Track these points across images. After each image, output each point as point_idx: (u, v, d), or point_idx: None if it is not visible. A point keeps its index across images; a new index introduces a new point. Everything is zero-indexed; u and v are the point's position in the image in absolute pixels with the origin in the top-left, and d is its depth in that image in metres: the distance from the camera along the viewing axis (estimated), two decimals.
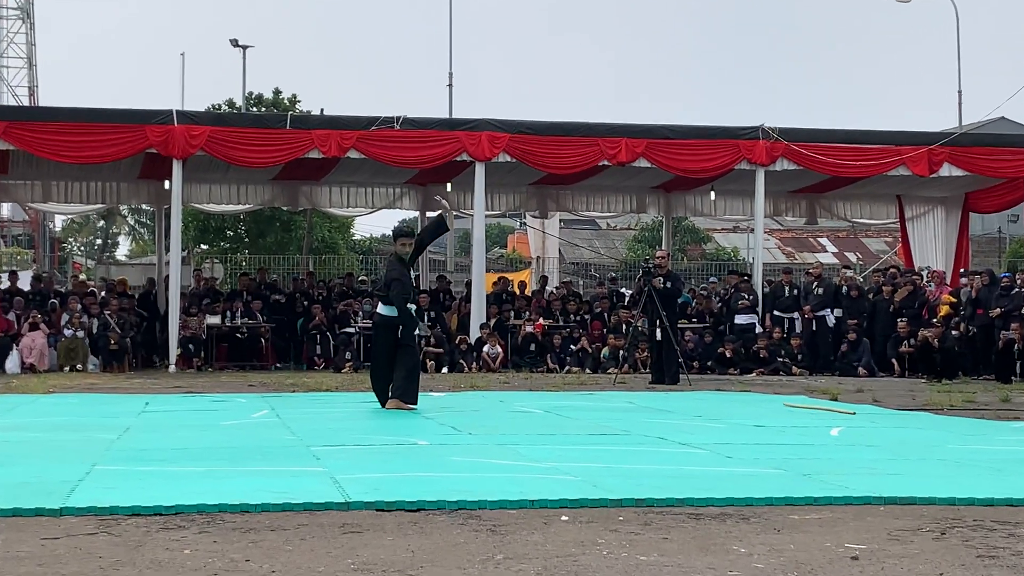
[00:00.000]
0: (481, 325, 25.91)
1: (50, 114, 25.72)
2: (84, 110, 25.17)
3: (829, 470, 8.68)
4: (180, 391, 18.27)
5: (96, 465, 8.74)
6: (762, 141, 26.68)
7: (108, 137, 24.57)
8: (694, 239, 59.45)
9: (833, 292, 26.59)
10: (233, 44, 50.81)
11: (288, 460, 9.20)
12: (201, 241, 47.94)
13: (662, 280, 21.05)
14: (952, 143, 27.76)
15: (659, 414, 14.21)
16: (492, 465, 8.99)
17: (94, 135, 24.55)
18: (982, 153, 27.67)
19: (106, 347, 24.80)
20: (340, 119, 26.29)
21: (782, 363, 24.93)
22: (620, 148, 26.28)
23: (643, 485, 7.78)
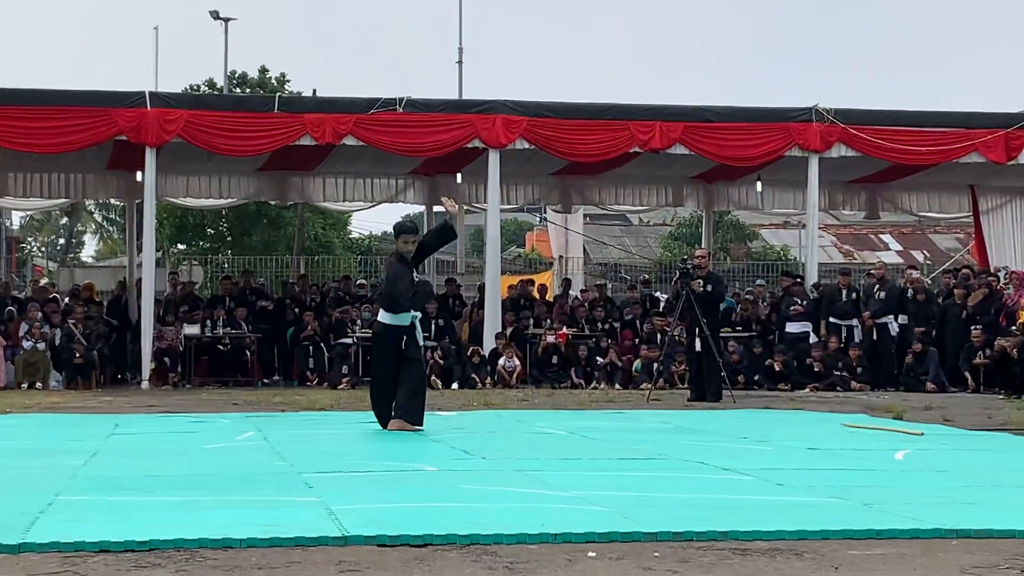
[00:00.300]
0: (496, 335, 25.92)
1: (5, 96, 25.71)
2: (44, 92, 25.26)
3: (894, 499, 8.65)
4: (154, 411, 18.29)
5: (59, 495, 8.75)
6: (815, 124, 26.66)
7: (72, 123, 24.65)
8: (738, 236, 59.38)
9: (897, 296, 26.51)
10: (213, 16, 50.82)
11: (277, 489, 9.21)
12: (178, 240, 48.04)
13: (702, 283, 21.04)
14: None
15: (699, 435, 14.19)
16: (509, 494, 8.99)
17: (55, 120, 24.62)
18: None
19: (70, 361, 24.85)
20: (335, 101, 26.38)
21: (839, 377, 24.88)
22: (654, 133, 26.28)
23: (681, 516, 7.77)
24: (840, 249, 61.09)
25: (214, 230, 47.75)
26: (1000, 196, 31.86)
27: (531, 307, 28.34)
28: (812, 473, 10.29)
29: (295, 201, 34.39)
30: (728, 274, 40.89)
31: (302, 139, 25.51)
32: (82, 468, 10.50)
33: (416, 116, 25.63)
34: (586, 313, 27.97)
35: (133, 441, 13.31)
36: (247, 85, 47.87)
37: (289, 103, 26.95)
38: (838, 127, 26.71)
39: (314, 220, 45.26)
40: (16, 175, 29.60)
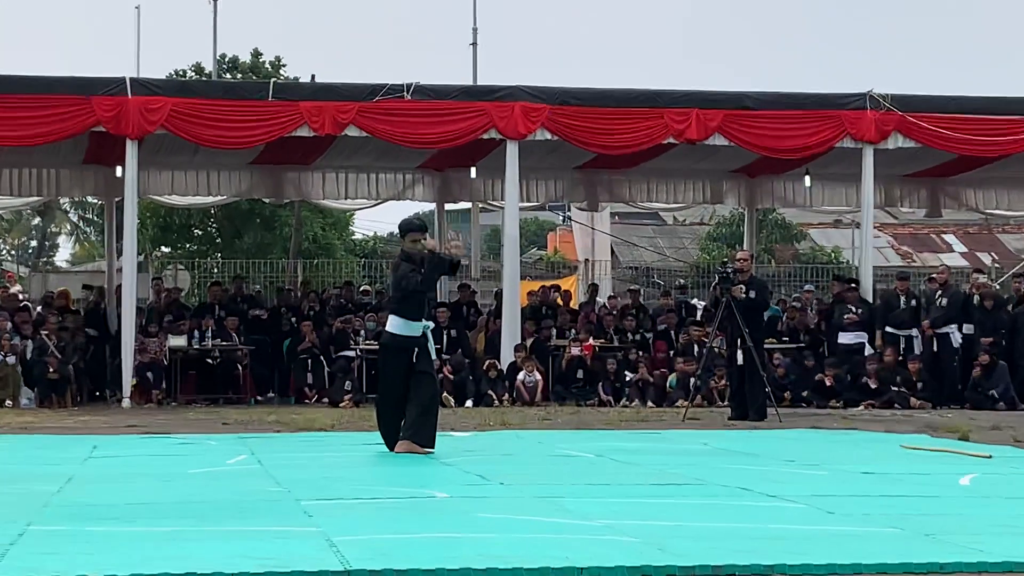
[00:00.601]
0: (515, 347, 25.92)
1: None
2: (13, 78, 25.32)
3: (958, 529, 8.65)
4: (136, 432, 18.33)
5: (31, 524, 8.78)
6: (870, 112, 26.63)
7: (44, 112, 24.70)
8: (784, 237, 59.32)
9: (960, 303, 26.43)
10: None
11: (272, 518, 9.23)
12: (162, 243, 48.16)
13: (744, 289, 21.04)
14: None
15: (741, 458, 14.20)
16: (529, 523, 9.00)
17: (25, 110, 24.67)
18: None
19: (43, 376, 24.88)
20: (335, 88, 26.40)
21: (897, 393, 24.85)
22: (690, 122, 26.27)
23: (721, 548, 7.78)
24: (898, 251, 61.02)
25: (202, 231, 47.86)
26: None
27: (554, 316, 28.35)
28: (867, 500, 10.29)
29: (291, 199, 34.43)
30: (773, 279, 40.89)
31: (299, 130, 25.53)
32: (56, 495, 10.53)
33: (426, 104, 25.65)
34: (615, 322, 27.95)
35: (112, 465, 13.34)
36: (238, 70, 48.00)
37: (285, 90, 27.02)
38: (895, 115, 26.66)
39: (312, 220, 45.33)
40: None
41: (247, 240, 45.84)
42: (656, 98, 26.52)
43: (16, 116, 24.67)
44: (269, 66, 47.95)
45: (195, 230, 47.72)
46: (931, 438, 16.91)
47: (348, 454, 14.74)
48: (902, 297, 26.91)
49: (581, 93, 26.45)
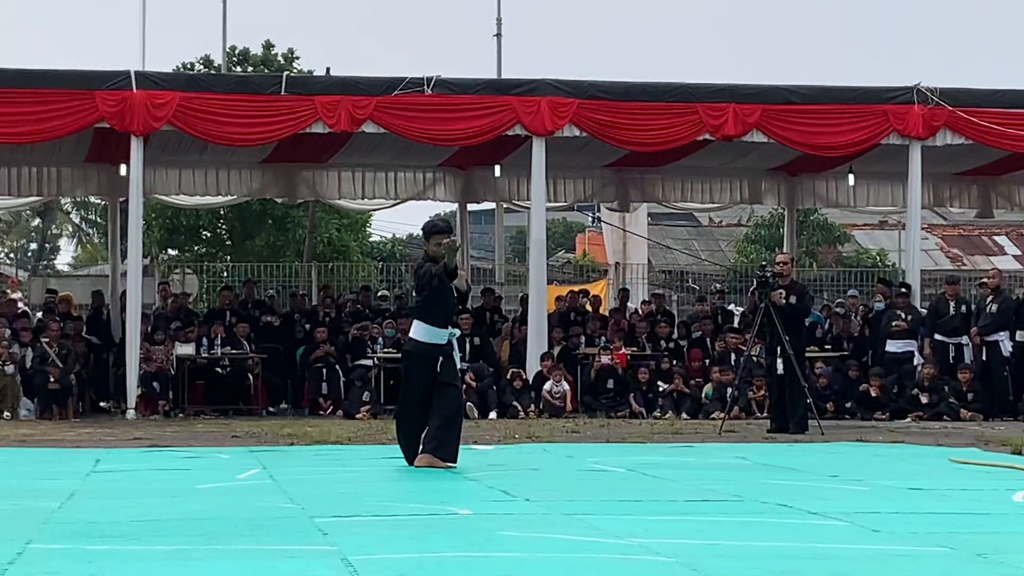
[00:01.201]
0: (541, 355, 25.94)
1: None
2: (13, 72, 25.41)
3: (1011, 548, 8.63)
4: (141, 444, 18.37)
5: (31, 542, 8.80)
6: (918, 106, 26.62)
7: (45, 108, 24.80)
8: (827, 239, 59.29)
9: (1013, 309, 26.40)
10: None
11: (285, 536, 9.24)
12: (169, 245, 48.22)
13: (784, 294, 21.02)
14: None
15: (781, 473, 14.20)
16: (557, 542, 9.00)
17: (27, 105, 24.77)
18: None
19: (44, 386, 24.94)
20: (352, 81, 26.44)
21: (947, 405, 24.81)
22: (726, 117, 26.28)
23: (760, 568, 7.78)
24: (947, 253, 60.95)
25: (211, 233, 47.93)
26: None
27: (583, 322, 28.36)
28: (914, 518, 10.28)
29: (305, 199, 34.50)
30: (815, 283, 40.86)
31: (313, 126, 25.61)
32: (57, 511, 10.56)
33: (447, 99, 25.70)
34: (648, 329, 27.96)
35: (117, 480, 13.38)
36: (249, 63, 48.10)
37: (298, 84, 27.04)
38: (944, 110, 26.65)
39: (328, 221, 45.37)
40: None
41: (259, 242, 45.90)
42: (691, 92, 26.53)
43: (15, 112, 24.76)
44: (282, 58, 48.05)
45: (204, 232, 47.78)
46: (982, 452, 16.87)
47: (365, 469, 14.75)
48: (951, 303, 26.87)
49: (611, 87, 26.46)
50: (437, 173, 31.62)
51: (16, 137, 25.45)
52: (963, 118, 26.72)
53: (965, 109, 26.73)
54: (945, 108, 26.64)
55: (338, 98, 25.48)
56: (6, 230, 77.11)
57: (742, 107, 26.36)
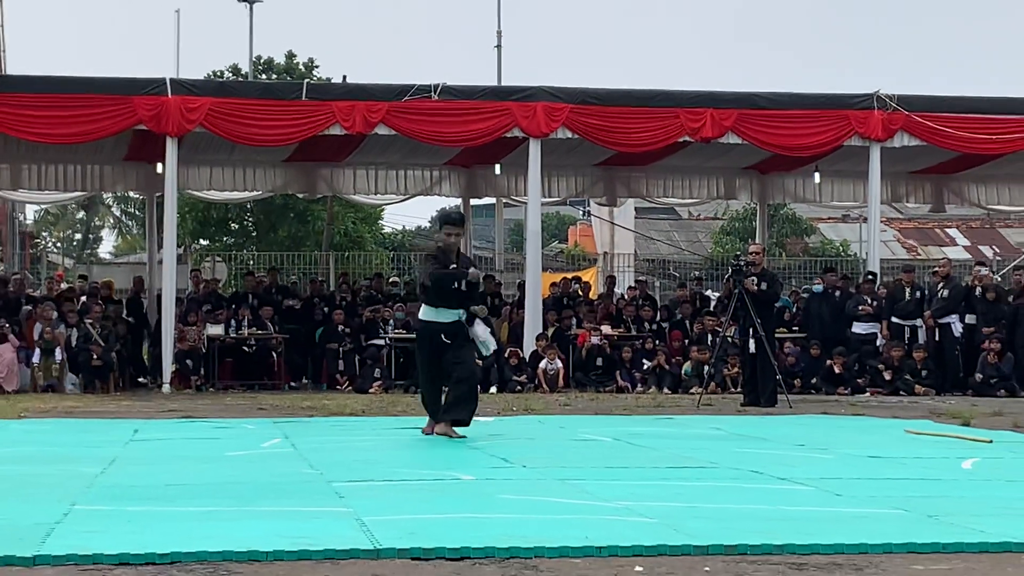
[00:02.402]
0: (537, 336, 25.91)
1: (19, 84, 25.90)
2: (59, 79, 25.38)
3: (960, 510, 8.63)
4: (176, 415, 18.37)
5: (76, 504, 8.80)
6: (877, 111, 26.58)
7: (89, 111, 24.76)
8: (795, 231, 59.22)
9: (963, 295, 26.38)
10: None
11: (306, 499, 9.24)
12: (200, 236, 48.22)
13: (756, 280, 20.99)
14: None
15: (753, 442, 14.19)
16: (551, 504, 9.00)
17: (72, 109, 24.73)
18: None
19: (87, 363, 24.92)
20: (366, 88, 26.40)
21: (903, 381, 24.80)
22: (705, 121, 26.24)
23: (734, 529, 7.77)
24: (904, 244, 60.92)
25: (238, 225, 47.92)
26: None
27: (574, 306, 28.30)
28: (873, 483, 10.28)
29: (324, 194, 34.49)
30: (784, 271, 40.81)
31: (331, 128, 25.56)
32: (100, 476, 10.56)
33: (452, 104, 25.65)
34: (633, 313, 27.92)
35: (153, 448, 13.37)
36: (273, 71, 48.06)
37: (318, 90, 27.00)
38: (901, 114, 26.62)
39: (344, 214, 45.35)
40: (30, 167, 29.77)
41: (282, 233, 45.90)
42: (672, 98, 26.49)
43: (62, 115, 24.73)
44: (303, 67, 48.01)
45: (232, 224, 47.78)
46: (934, 424, 16.86)
47: (378, 438, 14.74)
48: (907, 289, 26.84)
49: (600, 93, 26.42)
50: (443, 171, 31.57)
51: (63, 138, 25.41)
52: (918, 122, 26.69)
53: (920, 114, 26.71)
54: (902, 113, 26.61)
55: (353, 103, 25.44)
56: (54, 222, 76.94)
57: (719, 112, 26.32)
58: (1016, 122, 27.09)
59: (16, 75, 25.48)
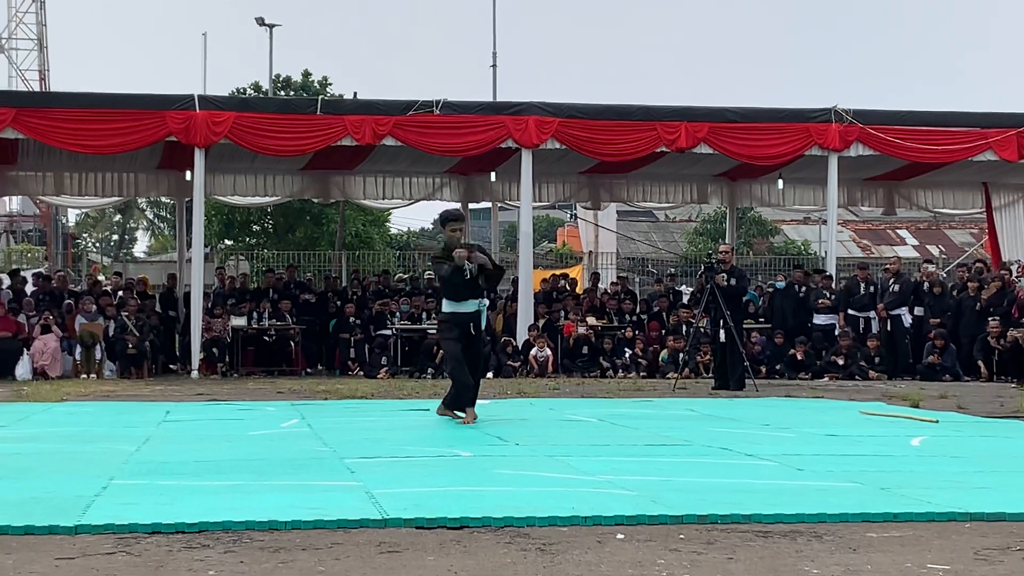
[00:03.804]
0: (528, 327, 25.91)
1: (63, 100, 25.90)
2: (99, 95, 25.35)
3: (910, 484, 8.64)
4: (203, 399, 18.37)
5: (113, 479, 8.80)
6: (835, 125, 26.59)
7: (125, 125, 24.75)
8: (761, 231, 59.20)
9: (911, 289, 26.41)
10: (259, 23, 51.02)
11: (320, 473, 9.23)
12: (225, 236, 48.17)
13: (726, 276, 20.99)
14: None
15: (723, 423, 14.18)
16: (541, 478, 9.00)
17: (110, 122, 24.72)
18: None
19: (124, 351, 24.93)
20: (375, 103, 26.39)
21: (858, 367, 24.81)
22: (680, 133, 26.23)
23: (706, 500, 7.77)
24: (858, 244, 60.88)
25: (259, 227, 47.87)
26: (1012, 193, 31.74)
27: (562, 300, 28.31)
28: (831, 459, 10.27)
29: (337, 199, 34.45)
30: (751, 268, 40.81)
31: (343, 140, 25.55)
32: (135, 453, 10.56)
33: (452, 117, 25.64)
34: (615, 306, 27.93)
35: (183, 428, 13.37)
36: (291, 88, 48.00)
37: (331, 106, 26.99)
38: (856, 127, 26.63)
39: (355, 217, 45.31)
40: (72, 174, 29.76)
41: (298, 234, 45.85)
42: (650, 112, 26.49)
43: (101, 128, 24.72)
44: (317, 85, 47.94)
45: (254, 226, 47.74)
46: (887, 405, 16.87)
47: (385, 419, 14.72)
48: (862, 284, 26.87)
49: (586, 108, 26.41)
50: (444, 178, 31.54)
51: (101, 148, 25.40)
52: (872, 134, 26.70)
53: (873, 126, 26.71)
54: (857, 126, 26.62)
55: (363, 117, 25.44)
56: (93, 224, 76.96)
57: (692, 125, 26.32)
58: (960, 134, 27.12)
59: (59, 92, 25.49)
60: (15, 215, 68.07)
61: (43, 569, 5.86)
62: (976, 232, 53.67)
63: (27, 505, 7.53)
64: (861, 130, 26.64)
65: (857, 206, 34.09)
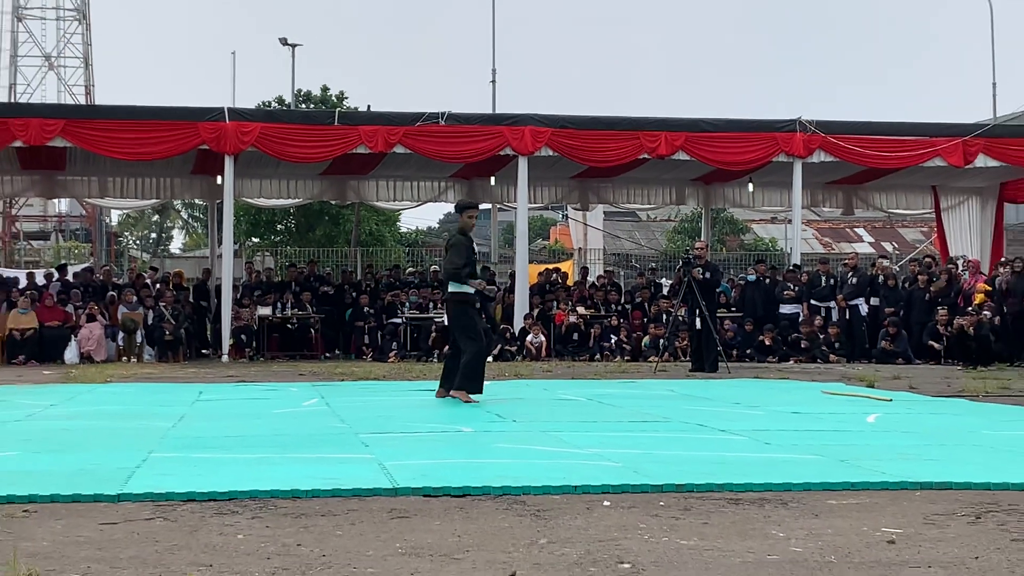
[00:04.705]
0: (525, 315, 25.91)
1: (106, 112, 25.87)
2: (139, 108, 25.34)
3: (866, 456, 8.64)
4: (233, 380, 18.37)
5: (152, 452, 8.80)
6: (799, 134, 26.58)
7: (162, 134, 24.73)
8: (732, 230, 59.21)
9: (867, 282, 26.43)
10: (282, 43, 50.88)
11: (338, 447, 9.24)
12: (252, 235, 48.15)
13: (701, 270, 20.98)
14: (986, 134, 27.58)
15: (699, 401, 14.18)
16: (536, 451, 9.00)
17: (148, 132, 24.70)
18: (1016, 144, 27.46)
19: (161, 338, 24.93)
20: (386, 115, 26.38)
21: (820, 352, 24.81)
22: (660, 141, 26.23)
23: (683, 471, 7.77)
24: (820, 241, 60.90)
25: (283, 226, 47.84)
26: (958, 195, 31.75)
27: (555, 291, 28.31)
28: (796, 434, 10.28)
29: (352, 201, 34.41)
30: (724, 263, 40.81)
31: (358, 148, 25.52)
32: (171, 429, 10.56)
33: (456, 128, 25.62)
34: (602, 297, 27.93)
35: (214, 406, 13.37)
36: (311, 102, 47.95)
37: (347, 117, 26.95)
38: (819, 136, 26.62)
39: (369, 217, 45.30)
40: (114, 179, 29.76)
41: (318, 232, 45.82)
42: (633, 123, 26.48)
43: (140, 137, 24.70)
44: (335, 98, 47.88)
45: (278, 225, 47.72)
46: (845, 385, 16.88)
47: (396, 398, 14.73)
48: (823, 277, 26.91)
49: (576, 119, 26.40)
50: (448, 182, 31.50)
51: (141, 155, 25.35)
52: (832, 142, 26.69)
53: (834, 136, 26.70)
54: (819, 135, 26.61)
55: (376, 127, 25.41)
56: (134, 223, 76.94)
57: (671, 134, 26.31)
58: (911, 142, 27.10)
59: (103, 105, 25.46)
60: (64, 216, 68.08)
61: (89, 533, 5.87)
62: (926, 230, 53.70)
63: (74, 476, 7.53)
64: (823, 139, 26.63)
65: (819, 207, 34.07)
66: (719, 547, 5.54)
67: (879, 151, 26.99)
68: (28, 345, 24.26)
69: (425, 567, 5.10)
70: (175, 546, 5.55)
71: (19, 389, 16.19)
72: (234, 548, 5.51)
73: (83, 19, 72.18)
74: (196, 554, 5.38)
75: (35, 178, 29.71)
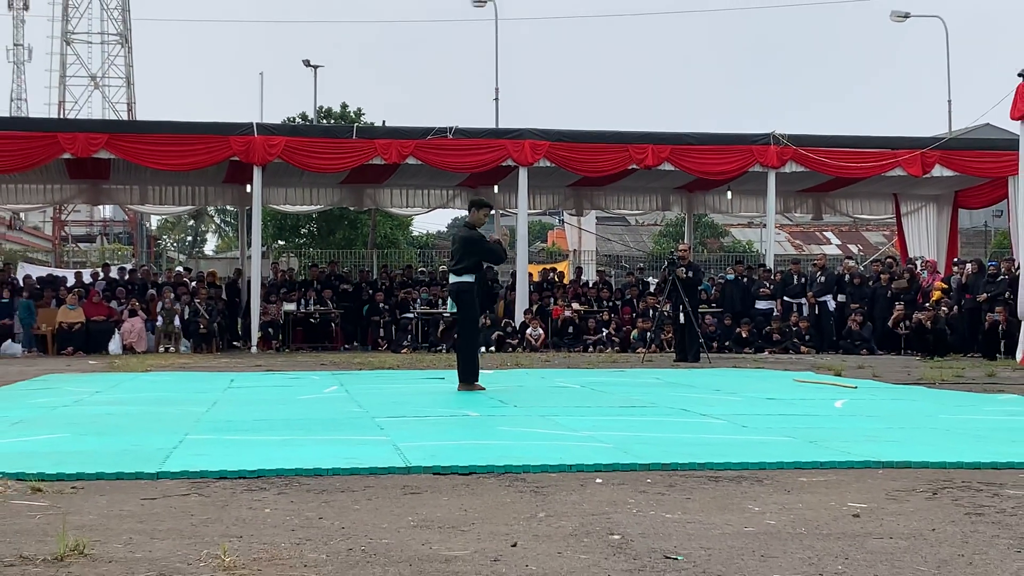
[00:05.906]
0: (524, 310, 25.94)
1: (146, 127, 25.96)
2: (175, 123, 25.39)
3: (833, 438, 8.63)
4: (261, 369, 18.37)
5: (188, 435, 8.80)
6: (773, 146, 26.59)
7: (197, 147, 24.76)
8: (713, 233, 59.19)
9: (834, 280, 26.46)
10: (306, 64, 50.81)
11: (356, 430, 9.23)
12: (278, 238, 48.12)
13: (685, 270, 21.00)
14: (943, 147, 27.60)
15: (682, 388, 14.18)
16: (535, 434, 8.99)
17: (184, 145, 24.73)
18: (970, 156, 27.47)
19: (196, 331, 24.97)
20: (400, 129, 26.39)
21: (792, 344, 24.82)
22: (647, 154, 26.25)
23: (668, 451, 7.77)
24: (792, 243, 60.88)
25: (306, 230, 47.83)
26: (917, 201, 31.75)
27: (552, 289, 28.35)
28: (770, 418, 10.27)
29: (369, 207, 34.42)
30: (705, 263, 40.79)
31: (374, 159, 25.55)
32: (205, 414, 10.56)
33: (462, 141, 25.64)
34: (595, 294, 27.96)
35: (244, 393, 13.37)
36: (331, 117, 47.93)
37: (364, 131, 26.97)
38: (791, 149, 26.63)
39: (384, 222, 45.26)
40: (154, 187, 29.77)
41: (338, 236, 45.79)
42: (623, 137, 26.54)
43: (177, 149, 24.74)
44: (353, 114, 47.84)
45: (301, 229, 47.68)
46: (815, 374, 16.88)
47: (409, 385, 14.72)
48: (795, 276, 26.94)
49: (572, 133, 26.43)
50: (456, 190, 31.50)
51: (178, 166, 25.40)
52: (803, 154, 26.72)
53: (805, 148, 26.74)
54: (791, 148, 26.63)
55: (390, 141, 25.45)
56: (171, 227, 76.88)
57: (657, 147, 26.34)
58: (875, 154, 27.12)
59: (144, 120, 25.53)
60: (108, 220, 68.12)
61: (131, 508, 5.87)
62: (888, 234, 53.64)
63: (118, 456, 7.53)
64: (795, 151, 26.65)
65: (791, 212, 34.01)
66: (701, 520, 5.54)
67: (845, 162, 26.99)
68: (76, 338, 24.30)
69: (435, 538, 5.10)
70: (208, 519, 5.55)
71: (68, 377, 16.21)
72: (262, 521, 5.51)
73: (125, 43, 72.30)
74: (227, 526, 5.38)
75: (82, 186, 29.73)
